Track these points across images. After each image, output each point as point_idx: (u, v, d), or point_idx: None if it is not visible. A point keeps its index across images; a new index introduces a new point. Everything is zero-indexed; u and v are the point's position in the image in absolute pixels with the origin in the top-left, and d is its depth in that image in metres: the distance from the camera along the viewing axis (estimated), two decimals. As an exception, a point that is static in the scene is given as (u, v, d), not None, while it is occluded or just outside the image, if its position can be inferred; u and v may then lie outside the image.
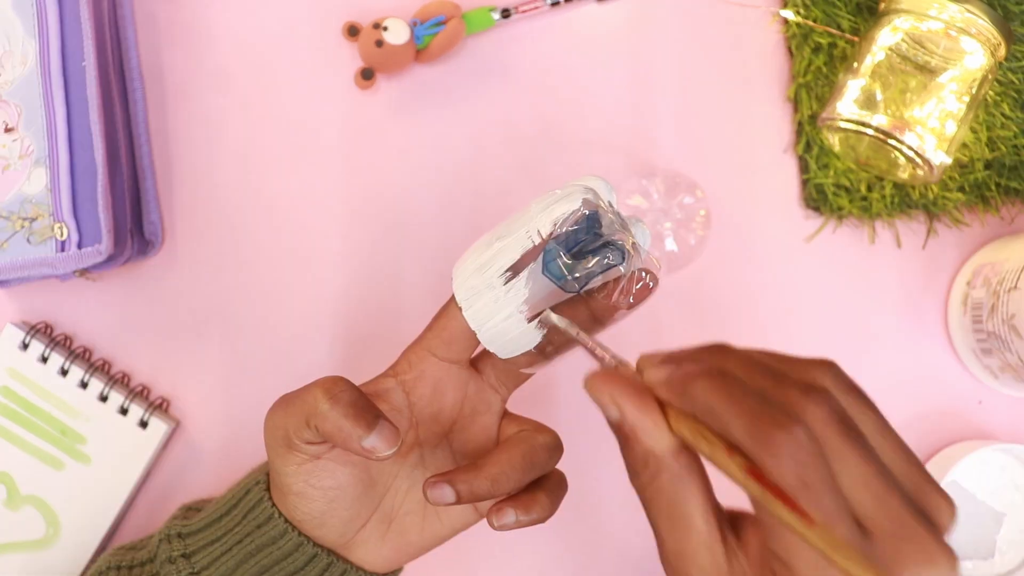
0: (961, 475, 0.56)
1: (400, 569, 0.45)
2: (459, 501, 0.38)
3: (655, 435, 0.31)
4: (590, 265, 0.37)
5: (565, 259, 0.37)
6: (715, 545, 0.30)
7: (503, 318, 0.38)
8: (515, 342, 0.39)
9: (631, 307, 0.39)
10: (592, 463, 0.57)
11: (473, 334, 0.40)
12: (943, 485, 0.53)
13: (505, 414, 0.42)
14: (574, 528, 0.56)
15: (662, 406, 0.31)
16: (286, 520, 0.41)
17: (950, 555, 0.27)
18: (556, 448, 0.40)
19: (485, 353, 0.42)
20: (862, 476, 0.28)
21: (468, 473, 0.38)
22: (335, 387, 0.37)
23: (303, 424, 0.37)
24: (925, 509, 0.28)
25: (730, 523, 0.32)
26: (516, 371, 0.42)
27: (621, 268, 0.38)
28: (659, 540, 0.32)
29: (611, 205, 0.39)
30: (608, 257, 0.37)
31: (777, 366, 0.31)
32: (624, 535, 0.56)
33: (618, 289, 0.38)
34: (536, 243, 0.38)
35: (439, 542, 0.43)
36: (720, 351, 0.32)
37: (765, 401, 0.28)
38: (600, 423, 0.54)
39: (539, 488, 0.39)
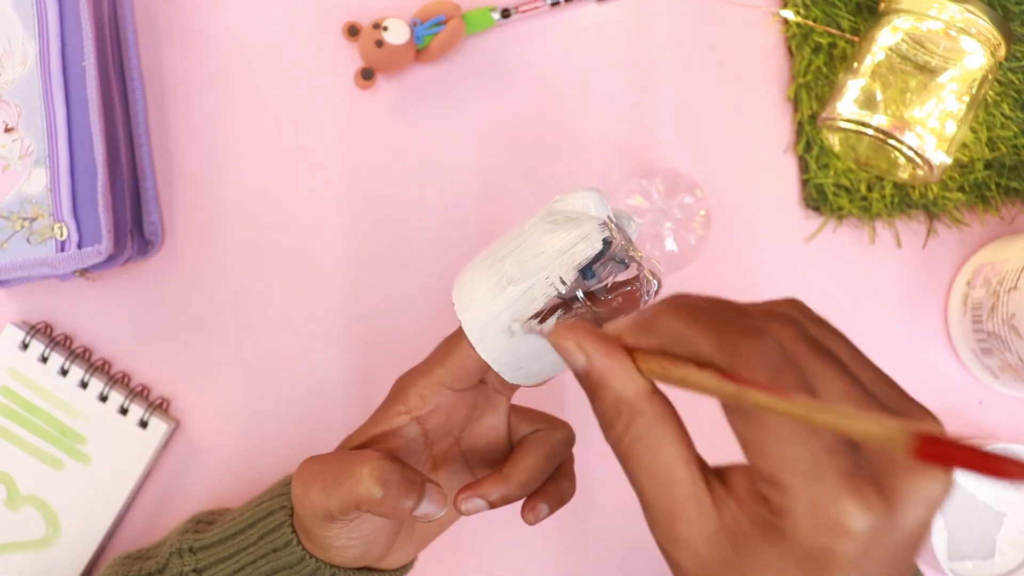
0: (961, 475, 0.56)
1: (413, 560, 0.45)
2: (492, 507, 0.38)
3: (625, 378, 0.30)
4: (609, 293, 0.38)
5: (584, 294, 0.37)
6: (701, 494, 0.29)
7: (526, 357, 0.38)
8: (540, 373, 0.39)
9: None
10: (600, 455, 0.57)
11: (487, 364, 0.39)
12: None
13: (512, 410, 0.43)
14: (576, 523, 0.56)
15: (630, 353, 0.30)
16: (304, 548, 0.41)
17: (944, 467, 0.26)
18: (572, 439, 0.41)
19: None
20: (839, 390, 0.26)
21: (499, 484, 0.38)
22: (383, 472, 0.36)
23: (351, 508, 0.37)
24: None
25: (714, 473, 0.30)
26: None
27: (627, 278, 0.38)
28: (643, 500, 0.30)
29: (611, 220, 0.38)
30: (620, 275, 0.38)
31: (740, 304, 0.30)
32: (624, 525, 0.56)
33: (626, 294, 0.38)
34: (561, 292, 0.37)
35: (455, 520, 0.43)
36: (681, 295, 0.31)
37: (730, 320, 0.28)
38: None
39: (560, 474, 0.40)
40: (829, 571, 0.26)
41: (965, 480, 0.56)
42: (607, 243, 0.37)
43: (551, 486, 0.40)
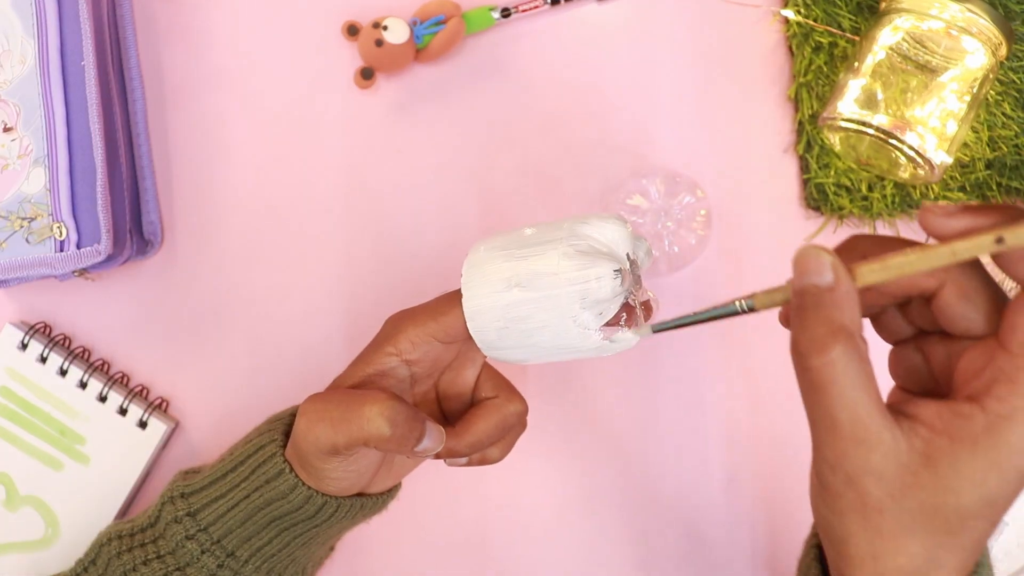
0: None
1: (398, 485, 0.48)
2: (438, 458, 0.43)
3: (856, 310, 0.32)
4: (616, 328, 0.41)
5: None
6: (893, 426, 0.31)
7: (509, 346, 0.42)
8: (515, 359, 0.43)
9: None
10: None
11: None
12: None
13: (484, 367, 0.45)
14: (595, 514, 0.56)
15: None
16: (297, 476, 0.43)
17: None
18: (524, 414, 0.44)
19: None
20: None
21: (450, 439, 0.42)
22: (392, 412, 0.39)
23: (358, 444, 0.40)
24: None
25: (896, 409, 0.33)
26: None
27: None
28: (833, 429, 0.32)
29: (630, 257, 0.41)
30: (625, 314, 0.41)
31: None
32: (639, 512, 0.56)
33: (620, 319, 0.41)
34: (582, 331, 0.40)
35: (427, 456, 0.46)
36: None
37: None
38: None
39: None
40: (1020, 476, 0.30)
41: None
42: (615, 286, 0.40)
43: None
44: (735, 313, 0.36)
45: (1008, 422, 0.30)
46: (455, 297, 0.42)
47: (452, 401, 0.45)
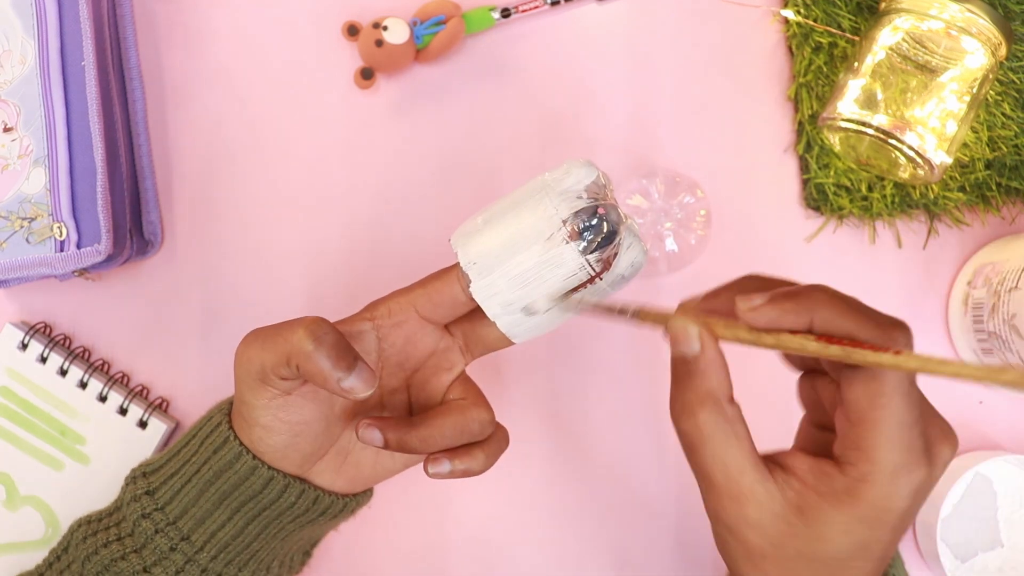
0: (972, 480, 0.56)
1: (370, 490, 0.46)
2: (387, 447, 0.40)
3: (724, 376, 0.35)
4: (621, 273, 0.41)
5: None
6: (767, 480, 0.34)
7: (536, 325, 0.42)
8: (537, 330, 0.42)
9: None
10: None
11: (463, 305, 0.42)
12: (968, 476, 0.54)
13: (461, 375, 0.44)
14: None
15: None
16: (241, 443, 0.42)
17: None
18: (488, 423, 0.42)
19: (460, 318, 0.44)
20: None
21: (401, 427, 0.40)
22: (319, 328, 0.38)
23: (282, 362, 0.38)
24: None
25: (771, 461, 0.36)
26: (486, 341, 0.44)
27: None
28: (710, 486, 0.35)
29: (604, 187, 0.41)
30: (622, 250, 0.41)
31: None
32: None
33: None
34: (584, 280, 0.40)
35: (390, 475, 0.45)
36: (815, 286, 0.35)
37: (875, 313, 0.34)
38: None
39: (477, 445, 0.42)
40: (888, 525, 0.33)
41: (981, 487, 0.56)
42: (613, 227, 0.40)
43: (463, 450, 0.41)
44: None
45: (864, 484, 0.33)
46: (449, 271, 0.42)
47: (423, 406, 0.44)
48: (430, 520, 0.56)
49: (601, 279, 0.40)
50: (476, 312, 0.43)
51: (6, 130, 0.51)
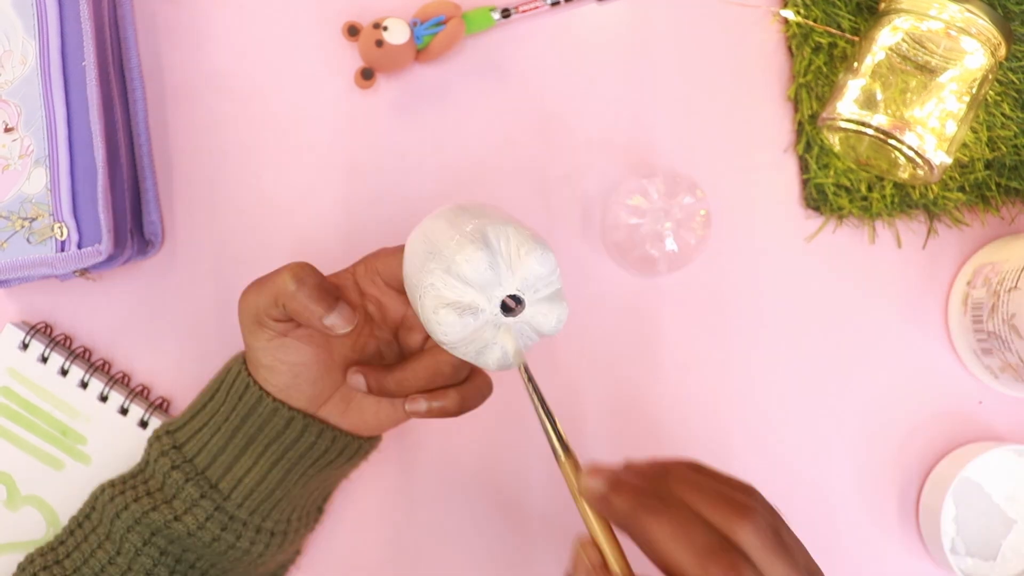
0: (976, 473, 0.56)
1: (377, 437, 0.50)
2: (369, 391, 0.46)
3: None
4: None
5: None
6: None
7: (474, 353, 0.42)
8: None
9: None
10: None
11: None
12: (956, 480, 0.54)
13: None
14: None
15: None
16: (260, 387, 0.46)
17: None
18: (458, 366, 0.45)
19: None
20: None
21: (379, 372, 0.45)
22: (302, 271, 0.44)
23: (272, 303, 0.44)
24: None
25: None
26: None
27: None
28: None
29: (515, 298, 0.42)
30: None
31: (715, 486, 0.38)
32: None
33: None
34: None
35: (393, 423, 0.48)
36: (666, 472, 0.39)
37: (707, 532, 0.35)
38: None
39: (453, 387, 0.46)
40: None
41: (985, 480, 0.56)
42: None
43: (440, 391, 0.45)
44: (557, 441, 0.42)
45: None
46: (395, 248, 0.47)
47: (411, 356, 0.48)
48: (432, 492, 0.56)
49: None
50: None
51: (7, 130, 0.51)
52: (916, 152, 0.51)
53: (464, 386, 0.46)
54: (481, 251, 0.40)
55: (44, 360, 0.53)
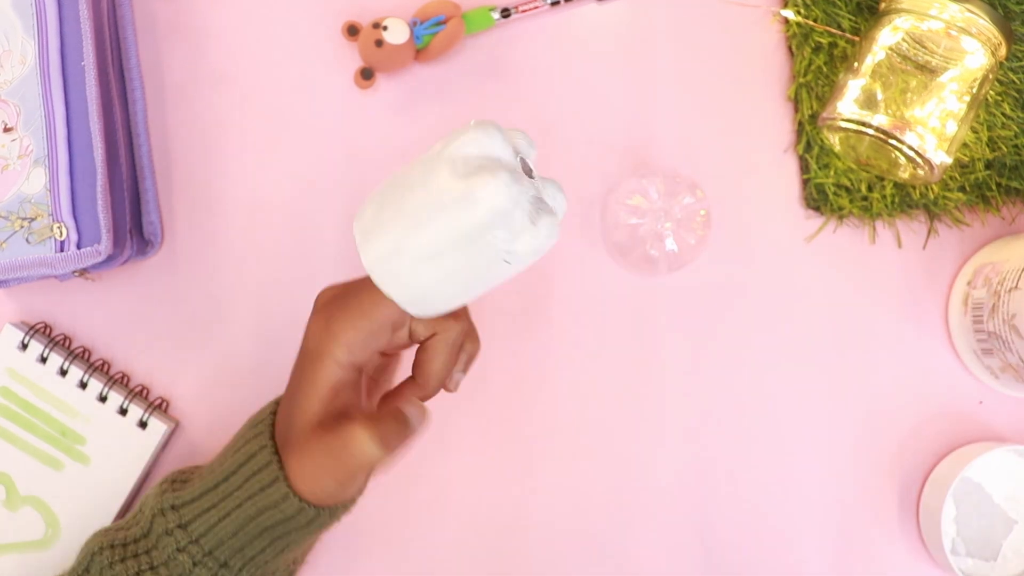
0: (976, 473, 0.56)
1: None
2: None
3: None
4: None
5: None
6: None
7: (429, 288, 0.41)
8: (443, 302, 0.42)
9: None
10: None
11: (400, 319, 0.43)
12: (957, 480, 0.53)
13: (411, 319, 0.44)
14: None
15: None
16: (300, 499, 0.42)
17: None
18: (468, 329, 0.45)
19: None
20: None
21: (415, 390, 0.45)
22: (378, 435, 0.41)
23: (364, 476, 0.43)
24: None
25: None
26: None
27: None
28: None
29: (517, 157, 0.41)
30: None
31: None
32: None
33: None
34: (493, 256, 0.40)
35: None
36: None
37: None
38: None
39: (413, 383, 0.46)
40: None
41: (985, 480, 0.56)
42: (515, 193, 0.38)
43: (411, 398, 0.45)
44: None
45: None
46: (367, 293, 0.42)
47: (392, 356, 0.47)
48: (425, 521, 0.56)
49: (507, 255, 0.39)
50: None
51: (6, 130, 0.51)
52: (916, 152, 0.51)
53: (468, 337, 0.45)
54: (480, 128, 0.38)
55: (43, 360, 0.53)
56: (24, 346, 0.53)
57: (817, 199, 0.57)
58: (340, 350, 0.42)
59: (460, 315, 0.44)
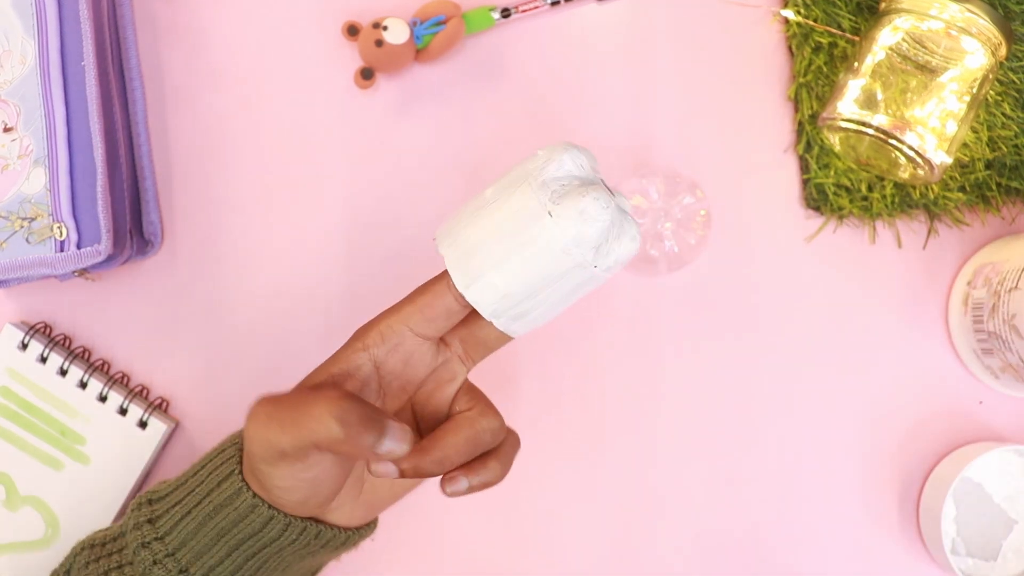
0: (976, 473, 0.56)
1: (374, 521, 0.45)
2: (403, 476, 0.38)
3: None
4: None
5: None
6: None
7: (534, 318, 0.40)
8: (536, 323, 0.41)
9: None
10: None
11: (458, 313, 0.40)
12: (957, 480, 0.53)
13: (465, 384, 0.43)
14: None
15: None
16: (255, 495, 0.40)
17: None
18: (499, 430, 0.40)
19: (455, 327, 0.42)
20: None
21: (414, 455, 0.38)
22: (343, 410, 0.36)
23: (309, 446, 0.37)
24: None
25: None
26: (486, 342, 0.42)
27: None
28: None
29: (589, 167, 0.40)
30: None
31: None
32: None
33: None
34: (578, 266, 0.38)
35: (408, 491, 0.44)
36: None
37: None
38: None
39: (490, 455, 0.40)
40: None
41: (985, 480, 0.56)
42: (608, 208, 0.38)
43: (476, 462, 0.40)
44: None
45: None
46: (433, 280, 0.40)
47: (429, 420, 0.42)
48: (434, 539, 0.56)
49: (596, 266, 0.38)
50: (470, 315, 0.41)
51: (6, 130, 0.51)
52: (916, 152, 0.51)
53: (500, 451, 0.41)
54: (566, 151, 0.38)
55: (43, 360, 0.53)
56: (24, 346, 0.53)
57: (817, 199, 0.57)
58: (372, 334, 0.41)
59: (495, 415, 0.41)
